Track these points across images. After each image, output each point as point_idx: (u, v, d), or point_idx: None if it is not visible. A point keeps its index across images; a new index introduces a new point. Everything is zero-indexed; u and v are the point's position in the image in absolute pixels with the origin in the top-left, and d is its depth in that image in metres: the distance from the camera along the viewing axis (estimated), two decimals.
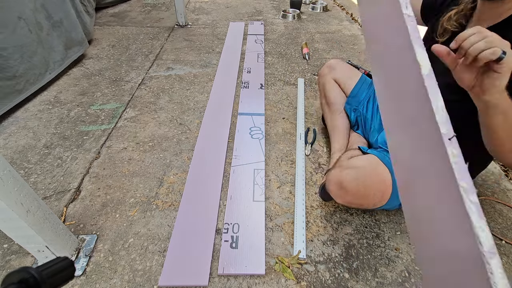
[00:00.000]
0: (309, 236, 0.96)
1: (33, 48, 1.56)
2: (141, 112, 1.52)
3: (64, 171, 1.18)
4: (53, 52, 1.71)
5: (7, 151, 1.27)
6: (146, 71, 1.88)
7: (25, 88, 1.52)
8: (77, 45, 1.91)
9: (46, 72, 1.65)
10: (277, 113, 1.53)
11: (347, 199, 0.83)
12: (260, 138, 1.34)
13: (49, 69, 1.68)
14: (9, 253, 0.90)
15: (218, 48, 2.18)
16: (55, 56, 1.73)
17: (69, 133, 1.37)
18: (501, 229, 0.99)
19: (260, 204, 1.05)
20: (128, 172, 1.18)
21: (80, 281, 0.83)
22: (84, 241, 0.93)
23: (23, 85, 1.50)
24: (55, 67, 1.72)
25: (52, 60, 1.70)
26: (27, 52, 1.52)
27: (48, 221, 0.76)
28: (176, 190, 1.11)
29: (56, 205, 1.04)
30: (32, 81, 1.56)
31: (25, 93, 1.52)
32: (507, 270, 0.87)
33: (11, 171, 0.65)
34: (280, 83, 1.79)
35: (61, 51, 1.77)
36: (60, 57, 1.76)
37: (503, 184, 1.16)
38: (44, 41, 1.65)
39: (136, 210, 1.03)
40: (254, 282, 0.83)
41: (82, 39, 1.96)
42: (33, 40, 1.56)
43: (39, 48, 1.61)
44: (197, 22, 2.65)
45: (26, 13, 1.53)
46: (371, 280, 0.85)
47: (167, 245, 0.92)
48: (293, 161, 1.24)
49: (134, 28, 2.49)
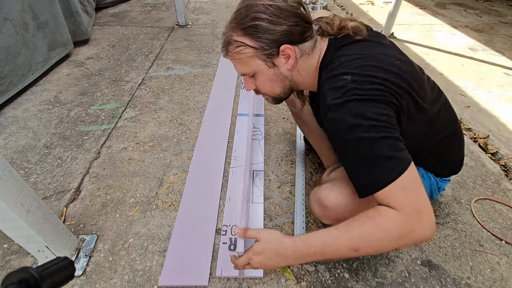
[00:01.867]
0: None
1: (18, 49, 1.56)
2: (141, 112, 1.52)
3: (64, 171, 1.18)
4: (36, 53, 1.70)
5: (7, 151, 1.27)
6: (146, 71, 1.88)
7: (8, 89, 1.51)
8: (61, 47, 1.90)
9: (29, 73, 1.65)
10: (277, 113, 1.53)
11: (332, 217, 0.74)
12: (259, 139, 1.34)
13: (32, 70, 1.67)
14: (9, 253, 0.90)
15: (218, 48, 2.18)
16: (38, 57, 1.72)
17: (69, 133, 1.37)
18: (501, 229, 0.99)
19: (259, 205, 1.05)
20: (128, 172, 1.18)
21: (80, 281, 0.83)
22: (84, 241, 0.93)
23: (7, 86, 1.50)
24: (37, 68, 1.71)
25: (35, 61, 1.69)
26: (12, 53, 1.51)
27: (48, 221, 0.76)
28: (176, 190, 1.11)
29: (56, 205, 1.04)
30: (15, 82, 1.55)
31: (8, 94, 1.51)
32: (507, 270, 0.88)
33: (11, 171, 0.65)
34: None
35: (44, 52, 1.76)
36: (43, 58, 1.75)
37: (503, 184, 1.16)
38: (29, 42, 1.64)
39: (136, 210, 1.03)
40: (254, 282, 0.83)
41: (66, 40, 1.95)
42: (18, 41, 1.56)
43: (24, 49, 1.60)
44: (197, 22, 2.65)
45: (13, 14, 1.53)
46: (371, 280, 0.85)
47: (167, 245, 0.92)
48: (293, 161, 1.24)
49: (134, 28, 2.49)
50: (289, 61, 0.66)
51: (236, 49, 0.65)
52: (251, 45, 0.63)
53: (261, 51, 0.64)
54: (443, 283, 0.84)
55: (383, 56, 0.63)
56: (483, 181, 1.17)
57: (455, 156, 0.88)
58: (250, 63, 0.67)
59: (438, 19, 2.84)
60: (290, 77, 0.70)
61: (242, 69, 0.70)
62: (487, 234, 0.98)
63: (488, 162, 1.25)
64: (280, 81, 0.70)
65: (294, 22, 0.62)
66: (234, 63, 0.70)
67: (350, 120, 0.57)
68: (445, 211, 1.05)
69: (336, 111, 0.58)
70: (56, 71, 1.85)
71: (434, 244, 0.94)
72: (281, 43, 0.63)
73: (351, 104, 0.57)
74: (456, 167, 0.91)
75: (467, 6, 3.18)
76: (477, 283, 0.84)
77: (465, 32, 2.55)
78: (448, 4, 3.24)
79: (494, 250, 0.93)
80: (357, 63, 0.61)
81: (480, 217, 1.03)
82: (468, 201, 1.09)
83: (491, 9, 3.13)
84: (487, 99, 1.68)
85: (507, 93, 1.74)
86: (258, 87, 0.74)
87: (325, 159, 1.10)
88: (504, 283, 0.85)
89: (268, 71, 0.68)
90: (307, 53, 0.66)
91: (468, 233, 0.98)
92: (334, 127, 0.60)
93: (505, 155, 1.28)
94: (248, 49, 0.64)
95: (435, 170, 0.86)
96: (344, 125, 0.57)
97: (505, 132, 1.44)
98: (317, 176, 1.18)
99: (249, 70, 0.69)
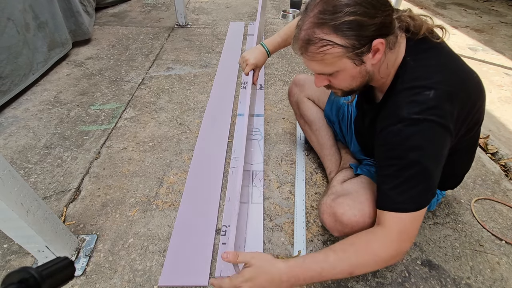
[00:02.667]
0: (309, 236, 0.96)
1: (19, 49, 1.56)
2: (141, 112, 1.52)
3: (64, 171, 1.18)
4: (37, 53, 1.71)
5: (7, 151, 1.27)
6: (146, 71, 1.88)
7: (10, 89, 1.51)
8: (60, 46, 1.90)
9: (30, 73, 1.65)
10: (277, 113, 1.53)
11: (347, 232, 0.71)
12: (259, 139, 1.34)
13: (33, 70, 1.67)
14: (9, 253, 0.90)
15: (218, 48, 2.18)
16: (39, 57, 1.72)
17: (69, 133, 1.37)
18: (501, 229, 0.99)
19: (258, 206, 1.05)
20: (128, 172, 1.18)
21: (80, 281, 0.83)
22: (84, 241, 0.93)
23: (8, 86, 1.50)
24: (38, 68, 1.71)
25: (36, 61, 1.69)
26: (13, 53, 1.52)
27: (48, 221, 0.76)
28: (176, 190, 1.11)
29: (56, 205, 1.04)
30: (16, 82, 1.55)
31: (10, 94, 1.52)
32: (507, 270, 0.88)
33: (11, 171, 0.65)
34: (280, 83, 1.79)
35: (44, 52, 1.77)
36: (43, 58, 1.75)
37: (503, 184, 1.16)
38: (30, 42, 1.64)
39: (136, 210, 1.03)
40: None
41: (65, 40, 1.95)
42: (20, 41, 1.56)
43: (25, 49, 1.60)
44: (197, 22, 2.65)
45: (15, 14, 1.53)
46: (371, 280, 0.85)
47: (167, 245, 0.92)
48: (293, 161, 1.24)
49: (134, 28, 2.49)
50: (376, 55, 0.58)
51: (321, 49, 0.56)
52: (341, 44, 0.55)
53: (352, 49, 0.55)
54: (443, 283, 0.84)
55: (462, 67, 0.62)
56: (483, 181, 1.17)
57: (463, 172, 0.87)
58: (336, 63, 0.58)
59: (438, 19, 2.84)
60: (372, 72, 0.62)
61: (323, 69, 0.61)
62: (487, 234, 0.98)
63: (488, 162, 1.25)
64: (361, 77, 0.62)
65: (388, 11, 0.56)
66: (311, 63, 0.61)
67: (420, 141, 0.56)
68: (445, 211, 1.05)
69: (410, 126, 0.56)
70: (56, 71, 1.85)
71: (434, 244, 0.94)
72: (374, 38, 0.55)
73: (427, 125, 0.55)
74: (457, 183, 0.91)
75: (467, 6, 3.18)
76: (477, 283, 0.84)
77: (465, 32, 2.55)
78: (448, 4, 3.24)
79: (494, 250, 0.93)
80: (441, 76, 0.57)
81: (480, 217, 1.03)
82: (468, 201, 1.09)
83: (491, 9, 3.13)
84: (487, 99, 1.68)
85: (507, 93, 1.74)
86: (333, 83, 0.66)
87: (327, 160, 1.10)
88: (504, 283, 0.85)
89: (354, 70, 0.60)
90: (390, 48, 0.59)
91: (468, 233, 0.98)
92: (399, 140, 0.58)
93: (505, 155, 1.28)
94: (337, 48, 0.55)
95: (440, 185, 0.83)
96: (412, 143, 0.56)
97: (505, 132, 1.44)
98: (317, 176, 1.18)
99: (332, 70, 0.61)
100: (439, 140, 0.57)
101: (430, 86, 0.56)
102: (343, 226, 0.72)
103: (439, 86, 0.56)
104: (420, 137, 0.56)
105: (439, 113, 0.55)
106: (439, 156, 0.58)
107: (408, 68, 0.60)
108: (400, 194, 0.58)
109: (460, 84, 0.59)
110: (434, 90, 0.55)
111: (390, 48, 0.59)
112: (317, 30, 0.55)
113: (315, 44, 0.56)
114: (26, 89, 1.65)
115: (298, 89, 1.13)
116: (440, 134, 0.57)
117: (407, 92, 0.58)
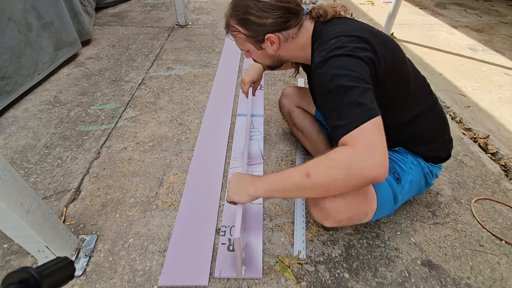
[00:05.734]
0: (309, 236, 0.96)
1: (21, 49, 1.56)
2: (141, 112, 1.52)
3: (64, 171, 1.18)
4: (42, 53, 1.70)
5: (7, 151, 1.27)
6: (146, 71, 1.88)
7: (14, 89, 1.51)
8: (68, 46, 1.90)
9: (35, 73, 1.65)
10: (277, 113, 1.53)
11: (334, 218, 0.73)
12: (259, 139, 1.34)
13: (38, 70, 1.67)
14: (9, 253, 0.90)
15: (218, 48, 2.18)
16: (44, 57, 1.72)
17: (69, 133, 1.37)
18: (501, 229, 0.99)
19: (258, 206, 1.05)
20: (128, 172, 1.18)
21: (80, 281, 0.83)
22: (84, 241, 0.93)
23: (12, 86, 1.50)
24: (44, 68, 1.71)
25: (41, 61, 1.69)
26: (15, 53, 1.51)
27: (48, 221, 0.76)
28: (176, 190, 1.11)
29: (56, 205, 1.04)
30: (20, 82, 1.55)
31: (14, 94, 1.52)
32: (507, 270, 0.88)
33: (11, 171, 0.65)
34: (280, 83, 1.79)
35: (50, 52, 1.76)
36: (49, 58, 1.75)
37: (503, 184, 1.16)
38: (32, 42, 1.64)
39: (136, 210, 1.03)
40: (254, 282, 0.83)
41: (74, 40, 1.95)
42: (21, 41, 1.56)
43: (27, 49, 1.60)
44: (197, 22, 2.65)
45: (16, 14, 1.53)
46: (371, 280, 0.85)
47: (167, 245, 0.92)
48: (293, 161, 1.24)
49: (134, 28, 2.49)
50: (273, 46, 0.78)
51: (233, 32, 0.80)
52: (243, 32, 0.77)
53: (250, 38, 0.77)
54: (443, 283, 0.84)
55: (365, 25, 0.75)
56: (483, 181, 1.17)
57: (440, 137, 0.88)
58: (244, 44, 0.81)
59: (438, 19, 2.84)
60: (276, 55, 0.82)
61: (239, 46, 0.84)
62: (487, 234, 0.98)
63: (488, 162, 1.26)
64: (268, 58, 0.84)
65: (279, 15, 0.73)
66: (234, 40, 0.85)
67: (332, 71, 0.64)
68: (445, 211, 1.05)
69: (322, 66, 0.66)
70: (56, 71, 1.85)
71: (434, 244, 0.94)
72: (267, 33, 0.75)
73: (335, 58, 0.65)
74: (443, 151, 0.89)
75: (467, 6, 3.18)
76: (477, 283, 0.84)
77: (465, 32, 2.55)
78: (448, 4, 3.24)
79: (494, 250, 0.93)
80: (341, 28, 0.71)
81: (480, 217, 1.03)
82: (468, 201, 1.09)
83: (491, 9, 3.13)
84: (487, 99, 1.68)
85: (507, 93, 1.74)
86: (253, 58, 0.88)
87: None
88: (504, 283, 0.85)
89: (257, 52, 0.82)
90: (291, 37, 0.77)
91: (468, 233, 0.98)
92: (319, 81, 0.66)
93: (505, 155, 1.28)
94: (241, 34, 0.78)
95: (423, 154, 0.86)
96: (327, 76, 0.64)
97: (505, 132, 1.44)
98: None
99: (244, 48, 0.84)
100: (348, 64, 0.63)
101: (332, 37, 0.69)
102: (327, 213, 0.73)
103: (340, 35, 0.68)
104: (332, 69, 0.64)
105: (343, 48, 0.65)
106: (357, 78, 0.62)
107: (317, 37, 0.75)
108: (344, 118, 0.61)
109: (362, 30, 0.69)
110: (335, 38, 0.68)
111: (292, 37, 0.77)
112: (230, 18, 0.79)
113: (230, 29, 0.80)
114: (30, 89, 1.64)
115: (288, 100, 1.21)
116: (348, 61, 0.64)
117: (318, 48, 0.72)
